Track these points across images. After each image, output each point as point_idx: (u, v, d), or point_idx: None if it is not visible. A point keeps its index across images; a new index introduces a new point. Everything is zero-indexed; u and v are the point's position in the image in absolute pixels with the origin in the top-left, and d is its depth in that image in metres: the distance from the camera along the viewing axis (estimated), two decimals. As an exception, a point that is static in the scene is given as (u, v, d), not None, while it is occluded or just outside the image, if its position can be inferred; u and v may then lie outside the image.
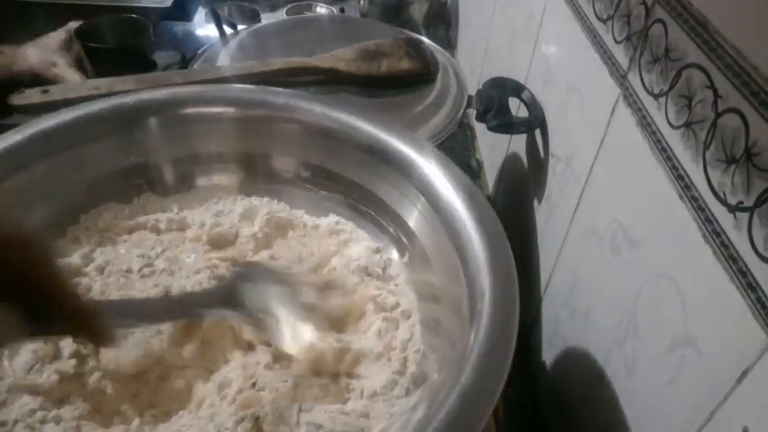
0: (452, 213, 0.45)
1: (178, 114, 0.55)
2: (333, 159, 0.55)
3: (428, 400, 0.39)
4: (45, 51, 0.75)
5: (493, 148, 0.88)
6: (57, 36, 0.78)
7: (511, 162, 0.78)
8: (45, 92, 0.60)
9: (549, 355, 0.60)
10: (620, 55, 0.46)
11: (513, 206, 0.76)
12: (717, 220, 0.33)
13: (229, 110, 0.56)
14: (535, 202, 0.66)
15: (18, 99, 0.59)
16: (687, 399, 0.35)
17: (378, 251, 0.52)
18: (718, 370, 0.32)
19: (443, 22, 1.22)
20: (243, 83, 0.61)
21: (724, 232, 0.32)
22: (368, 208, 0.54)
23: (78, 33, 0.80)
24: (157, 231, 0.53)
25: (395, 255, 0.52)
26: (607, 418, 0.45)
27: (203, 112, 0.56)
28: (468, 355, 0.35)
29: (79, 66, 0.77)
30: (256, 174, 0.58)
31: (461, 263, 0.42)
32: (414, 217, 0.50)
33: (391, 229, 0.53)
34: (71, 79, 0.73)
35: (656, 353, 0.39)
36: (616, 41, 0.47)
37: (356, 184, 0.54)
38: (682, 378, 0.36)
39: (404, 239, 0.51)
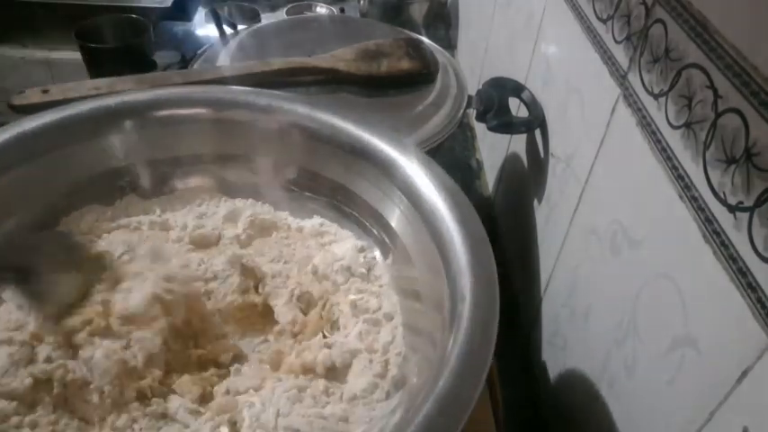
0: (434, 214, 0.44)
1: (161, 116, 0.55)
2: (317, 161, 0.55)
3: (407, 403, 0.38)
4: None
5: (493, 148, 0.88)
6: None
7: (511, 162, 0.78)
8: (45, 92, 0.60)
9: (549, 355, 0.60)
10: (620, 55, 0.46)
11: (513, 206, 0.76)
12: (717, 220, 0.33)
13: (211, 112, 0.56)
14: (535, 202, 0.66)
15: (18, 99, 0.59)
16: (687, 399, 0.35)
17: (362, 250, 0.52)
18: (718, 370, 0.32)
19: (443, 22, 1.22)
20: (243, 83, 0.61)
21: (724, 232, 0.32)
22: (352, 209, 0.54)
23: (78, 33, 0.80)
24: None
25: (379, 256, 0.52)
26: (607, 417, 0.45)
27: (185, 114, 0.56)
28: (446, 358, 0.35)
29: None
30: (240, 176, 0.57)
31: (444, 264, 0.41)
32: (396, 218, 0.50)
33: (375, 231, 0.52)
34: None
35: (656, 353, 0.39)
36: (616, 41, 0.47)
37: (340, 185, 0.54)
38: (682, 378, 0.36)
39: (387, 241, 0.51)
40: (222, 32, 0.78)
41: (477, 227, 0.42)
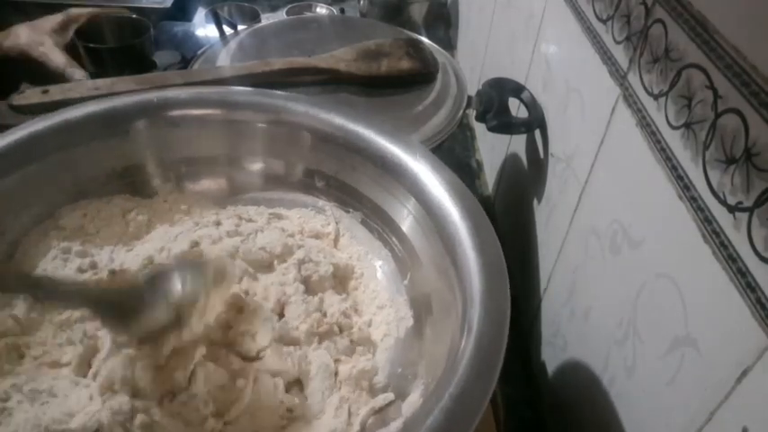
0: (454, 238, 0.43)
1: (185, 116, 0.55)
2: (346, 171, 0.54)
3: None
4: (36, 32, 0.77)
5: (493, 148, 0.88)
6: (52, 19, 0.80)
7: (511, 162, 0.78)
8: (45, 92, 0.60)
9: (549, 355, 0.60)
10: (620, 55, 0.46)
11: (513, 206, 0.76)
12: (716, 220, 0.33)
13: (218, 112, 0.56)
14: (535, 201, 0.66)
15: (18, 99, 0.59)
16: (687, 399, 0.35)
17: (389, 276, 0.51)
18: (718, 370, 0.32)
19: (443, 22, 1.22)
20: (243, 83, 0.61)
21: (723, 232, 0.32)
22: (376, 224, 0.53)
23: (78, 33, 0.80)
24: None
25: (398, 274, 0.51)
26: (607, 417, 0.45)
27: (203, 114, 0.56)
28: (441, 392, 0.33)
29: (70, 51, 0.78)
30: (253, 179, 0.57)
31: (458, 292, 0.41)
32: (417, 237, 0.49)
33: (397, 250, 0.52)
34: (56, 60, 0.75)
35: (656, 353, 0.39)
36: (616, 41, 0.47)
37: (367, 197, 0.53)
38: (682, 378, 0.36)
39: (408, 260, 0.50)
40: (222, 32, 0.78)
41: (497, 255, 0.41)
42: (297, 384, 0.44)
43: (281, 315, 0.47)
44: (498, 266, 0.40)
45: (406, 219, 0.50)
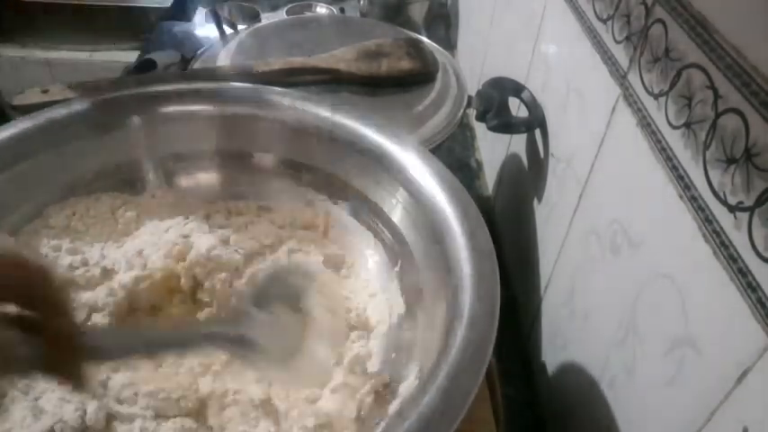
0: (443, 225, 0.44)
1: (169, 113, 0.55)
2: (335, 163, 0.54)
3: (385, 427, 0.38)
4: None
5: (493, 148, 0.88)
6: None
7: (511, 162, 0.78)
8: (45, 92, 0.60)
9: (549, 355, 0.60)
10: (620, 55, 0.46)
11: (513, 206, 0.76)
12: (717, 220, 0.33)
13: (209, 107, 0.56)
14: (535, 201, 0.66)
15: (18, 99, 0.59)
16: (687, 399, 0.35)
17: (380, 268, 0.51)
18: (718, 370, 0.32)
19: (443, 22, 1.22)
20: (243, 83, 0.61)
21: (724, 232, 0.32)
22: (365, 215, 0.53)
23: None
24: None
25: (388, 263, 0.51)
26: (607, 418, 0.45)
27: (195, 110, 0.56)
28: (432, 379, 0.34)
29: None
30: (241, 173, 0.57)
31: (447, 278, 0.41)
32: (406, 226, 0.49)
33: (386, 238, 0.52)
34: None
35: (656, 353, 0.39)
36: (616, 41, 0.47)
37: (356, 189, 0.54)
38: (682, 378, 0.36)
39: (397, 248, 0.50)
40: (222, 32, 0.78)
41: (486, 241, 0.42)
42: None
43: None
44: (487, 251, 0.41)
45: (395, 208, 0.50)
